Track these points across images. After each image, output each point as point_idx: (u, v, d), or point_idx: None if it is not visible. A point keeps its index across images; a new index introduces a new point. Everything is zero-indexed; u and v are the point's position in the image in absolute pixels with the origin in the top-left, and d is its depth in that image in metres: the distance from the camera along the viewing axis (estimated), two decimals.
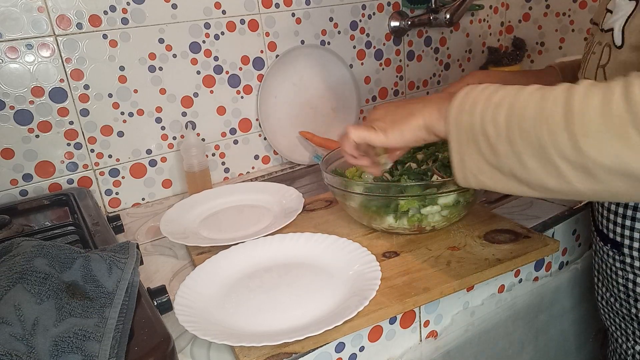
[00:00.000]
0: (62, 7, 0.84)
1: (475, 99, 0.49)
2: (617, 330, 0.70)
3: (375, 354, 0.61)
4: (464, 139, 0.50)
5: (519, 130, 0.45)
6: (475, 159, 0.50)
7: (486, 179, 0.50)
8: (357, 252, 0.65)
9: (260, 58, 1.06)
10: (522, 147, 0.45)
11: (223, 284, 0.63)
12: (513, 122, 0.45)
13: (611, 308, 0.69)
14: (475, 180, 0.51)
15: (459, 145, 0.51)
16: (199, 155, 0.94)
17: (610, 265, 0.65)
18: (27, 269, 0.47)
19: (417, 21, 1.20)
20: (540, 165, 0.44)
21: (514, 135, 0.45)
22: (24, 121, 0.85)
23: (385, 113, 0.60)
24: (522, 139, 0.45)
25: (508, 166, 0.47)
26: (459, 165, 0.52)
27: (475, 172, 0.51)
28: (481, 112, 0.48)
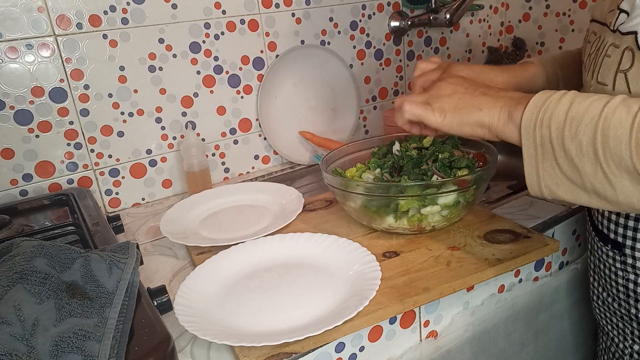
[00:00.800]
0: (62, 7, 0.84)
1: (551, 111, 0.48)
2: (614, 330, 0.70)
3: (375, 354, 0.61)
4: (539, 152, 0.49)
5: (607, 151, 0.44)
6: (553, 173, 0.49)
7: (563, 192, 0.49)
8: (357, 252, 0.65)
9: (260, 58, 1.06)
10: (612, 168, 0.44)
11: (223, 284, 0.63)
12: (599, 142, 0.44)
13: (608, 308, 0.69)
14: (550, 192, 0.50)
15: (534, 158, 0.50)
16: (199, 155, 0.94)
17: (609, 266, 0.65)
18: (27, 269, 0.47)
19: (417, 21, 1.20)
20: (634, 187, 0.43)
21: (601, 156, 0.44)
22: (24, 121, 0.85)
23: (452, 93, 0.57)
24: (612, 161, 0.44)
25: (592, 184, 0.46)
26: (532, 176, 0.51)
27: (552, 185, 0.49)
28: (559, 127, 0.47)
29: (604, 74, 0.54)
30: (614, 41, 0.53)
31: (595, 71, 0.56)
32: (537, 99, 0.50)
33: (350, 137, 1.20)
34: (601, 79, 0.55)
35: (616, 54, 0.53)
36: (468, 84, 0.58)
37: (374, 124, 1.27)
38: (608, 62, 0.54)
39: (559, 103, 0.48)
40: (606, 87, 0.53)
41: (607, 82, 0.53)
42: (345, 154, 0.85)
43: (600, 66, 0.55)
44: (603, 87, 0.54)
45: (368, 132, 1.27)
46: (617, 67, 0.52)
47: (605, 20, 0.56)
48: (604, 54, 0.55)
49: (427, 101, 0.59)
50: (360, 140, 0.87)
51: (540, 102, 0.49)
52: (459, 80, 0.59)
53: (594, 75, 0.56)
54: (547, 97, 0.50)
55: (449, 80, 0.59)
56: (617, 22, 0.53)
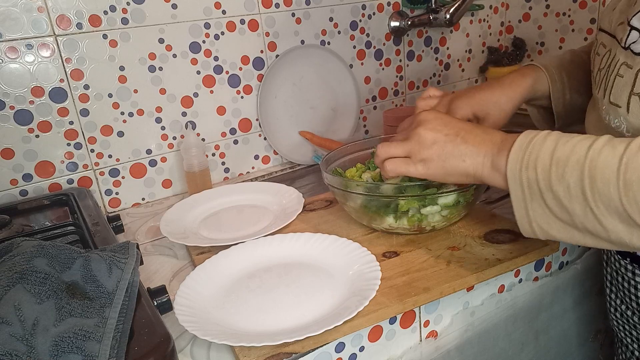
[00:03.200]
0: (62, 7, 0.84)
1: (536, 154, 0.47)
2: (634, 343, 0.68)
3: (375, 354, 0.61)
4: (527, 194, 0.48)
5: (596, 193, 0.43)
6: (542, 214, 0.48)
7: (556, 232, 0.48)
8: (357, 252, 0.65)
9: (260, 58, 1.06)
10: (602, 209, 0.43)
11: (223, 284, 0.63)
12: (587, 184, 0.44)
13: (627, 321, 0.68)
14: (542, 233, 0.50)
15: (522, 200, 0.49)
16: (199, 155, 0.94)
17: (628, 279, 0.64)
18: (27, 269, 0.47)
19: (417, 21, 1.20)
20: (625, 227, 0.43)
21: (590, 198, 0.44)
22: (24, 121, 0.85)
23: (432, 143, 0.55)
24: (601, 202, 0.43)
25: (583, 224, 0.45)
26: (523, 218, 0.50)
27: (544, 226, 0.49)
28: (545, 169, 0.46)
29: (617, 95, 0.52)
30: (625, 60, 0.51)
31: (607, 90, 0.54)
32: (522, 141, 0.49)
33: (350, 137, 1.20)
34: (614, 100, 0.53)
35: (629, 74, 0.51)
36: (448, 128, 0.56)
37: (374, 124, 1.27)
38: (621, 83, 0.52)
39: (544, 144, 0.47)
40: (620, 108, 0.52)
41: (621, 104, 0.52)
42: (345, 154, 0.85)
43: (612, 86, 0.53)
44: (616, 108, 0.52)
45: (368, 132, 1.27)
46: (631, 88, 0.50)
47: (615, 34, 0.54)
48: (616, 73, 0.53)
49: (409, 154, 0.58)
50: (360, 140, 0.87)
51: (525, 144, 0.49)
52: (438, 124, 0.56)
53: (606, 94, 0.54)
54: (531, 137, 0.49)
55: (428, 127, 0.56)
56: (628, 39, 0.51)
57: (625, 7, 0.53)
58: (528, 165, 0.48)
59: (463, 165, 0.54)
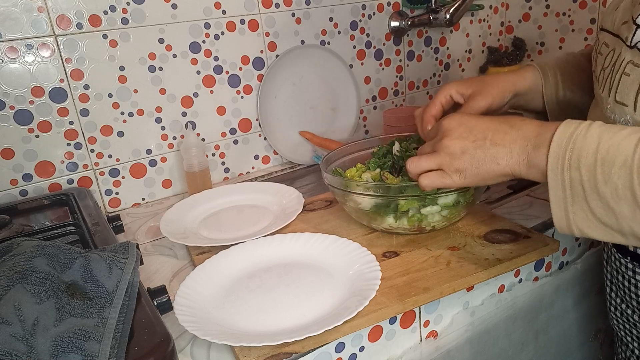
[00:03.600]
0: (62, 7, 0.84)
1: (578, 152, 0.45)
2: (635, 342, 0.68)
3: (375, 354, 0.61)
4: (568, 195, 0.46)
5: None
6: (584, 216, 0.46)
7: (597, 234, 0.47)
8: (357, 252, 0.65)
9: (260, 58, 1.06)
10: None
11: (223, 284, 0.63)
12: (636, 184, 0.42)
13: (627, 319, 0.68)
14: (581, 233, 0.48)
15: (562, 201, 0.47)
16: (199, 155, 0.94)
17: (628, 278, 0.64)
18: (27, 269, 0.47)
19: (417, 21, 1.20)
20: None
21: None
22: (24, 121, 0.85)
23: (462, 153, 0.54)
24: None
25: (630, 227, 0.44)
26: (562, 219, 0.48)
27: (584, 228, 0.47)
28: (589, 169, 0.44)
29: (623, 94, 0.51)
30: (632, 58, 0.50)
31: (612, 89, 0.53)
32: (561, 136, 0.47)
33: (350, 137, 1.20)
34: (620, 99, 0.52)
35: (636, 73, 0.50)
36: (474, 133, 0.54)
37: (374, 124, 1.27)
38: (627, 81, 0.51)
39: (586, 140, 0.45)
40: (626, 107, 0.51)
41: (627, 103, 0.51)
42: (345, 154, 0.85)
43: (618, 85, 0.52)
44: (622, 107, 0.52)
45: (368, 132, 1.27)
46: (638, 87, 0.49)
47: (619, 33, 0.53)
48: (622, 71, 0.52)
49: (440, 166, 0.56)
50: (360, 140, 0.87)
51: (565, 140, 0.47)
52: (463, 132, 0.55)
53: (611, 93, 0.54)
54: (572, 130, 0.47)
55: (453, 136, 0.55)
56: (634, 37, 0.50)
57: (629, 6, 0.53)
58: (571, 165, 0.46)
59: (498, 168, 0.52)
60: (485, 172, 0.53)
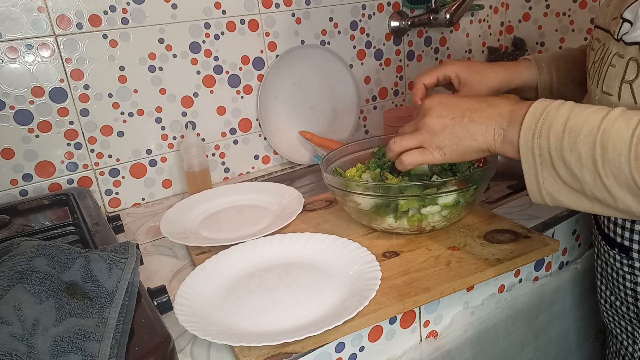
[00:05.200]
0: (62, 7, 0.84)
1: (550, 122, 0.48)
2: (623, 333, 0.69)
3: (375, 354, 0.61)
4: (537, 162, 0.49)
5: (607, 163, 0.44)
6: (553, 181, 0.49)
7: (565, 199, 0.50)
8: (357, 252, 0.65)
9: (260, 58, 1.06)
10: (611, 180, 0.44)
11: (223, 284, 0.63)
12: (598, 154, 0.44)
13: (616, 311, 0.69)
14: (552, 199, 0.51)
15: (533, 167, 0.50)
16: (199, 155, 0.94)
17: (617, 269, 0.64)
18: (27, 269, 0.47)
19: (417, 21, 1.20)
20: (632, 196, 0.44)
21: (600, 168, 0.45)
22: (24, 121, 0.85)
23: (442, 129, 0.56)
24: (610, 173, 0.44)
25: (593, 193, 0.47)
26: (533, 185, 0.51)
27: (553, 192, 0.50)
28: (557, 137, 0.47)
29: (609, 84, 0.54)
30: (618, 51, 0.53)
31: (600, 80, 0.56)
32: (535, 109, 0.50)
33: (350, 137, 1.20)
34: (606, 89, 0.54)
35: (621, 64, 0.52)
36: (453, 111, 0.56)
37: (374, 124, 1.27)
38: (613, 72, 0.53)
39: (558, 113, 0.48)
40: (611, 97, 0.53)
41: (613, 92, 0.53)
42: (345, 154, 0.85)
43: (605, 76, 0.55)
44: (608, 97, 0.54)
45: (368, 132, 1.27)
46: (622, 77, 0.52)
47: (609, 28, 0.56)
48: (609, 63, 0.54)
49: (422, 144, 0.59)
50: (360, 140, 0.87)
51: (538, 112, 0.50)
52: (443, 110, 0.57)
53: (599, 84, 0.56)
54: (544, 106, 0.50)
55: (433, 114, 0.57)
56: (620, 31, 0.53)
57: (619, 3, 0.55)
58: (541, 134, 0.48)
59: (475, 144, 0.55)
60: (463, 148, 0.56)
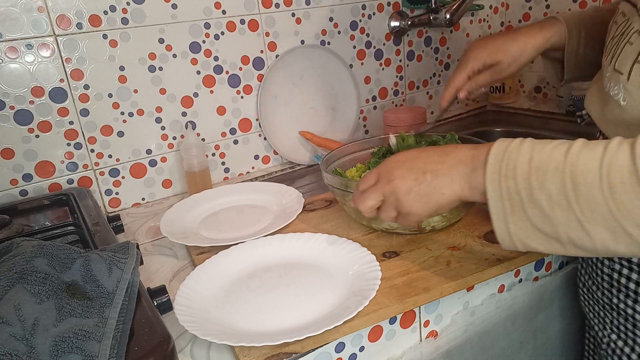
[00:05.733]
0: (62, 7, 0.84)
1: (513, 162, 0.46)
2: (595, 318, 0.70)
3: (375, 354, 0.61)
4: (507, 205, 0.47)
5: (580, 199, 0.42)
6: (523, 227, 0.47)
7: (537, 244, 0.47)
8: (357, 252, 0.65)
9: (260, 58, 1.06)
10: (587, 217, 0.42)
11: (223, 284, 0.63)
12: (569, 190, 0.43)
13: (592, 296, 0.69)
14: (523, 246, 0.48)
15: (502, 212, 0.48)
16: (199, 155, 0.94)
17: None
18: (27, 269, 0.47)
19: (417, 21, 1.20)
20: (610, 234, 0.42)
21: (574, 204, 0.43)
22: (24, 121, 0.85)
23: (407, 192, 0.54)
24: (586, 208, 0.42)
25: (566, 234, 0.44)
26: (503, 232, 0.49)
27: (524, 239, 0.48)
28: (525, 177, 0.45)
29: (622, 62, 0.51)
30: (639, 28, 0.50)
31: (615, 57, 0.53)
32: (497, 151, 0.48)
33: (350, 137, 1.20)
34: (618, 67, 0.52)
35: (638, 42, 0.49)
36: (414, 172, 0.54)
37: (374, 124, 1.27)
38: (629, 50, 0.50)
39: (520, 152, 0.46)
40: (621, 75, 0.51)
41: (623, 71, 0.51)
42: (345, 154, 0.85)
43: (621, 53, 0.52)
44: (619, 75, 0.52)
45: (368, 132, 1.27)
46: (636, 56, 0.49)
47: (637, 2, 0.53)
48: (627, 40, 0.51)
49: (395, 209, 0.57)
50: (360, 140, 0.87)
51: (500, 154, 0.48)
52: (404, 172, 0.55)
53: (613, 60, 0.53)
54: (505, 146, 0.48)
55: (394, 179, 0.55)
56: None
57: None
58: (507, 175, 0.46)
59: (444, 198, 0.53)
60: (434, 204, 0.54)
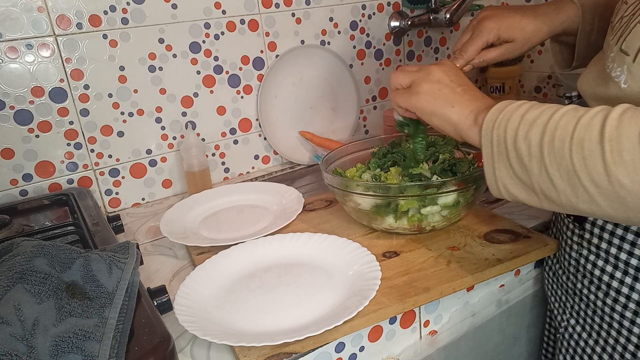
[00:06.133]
0: (62, 7, 0.84)
1: (509, 115, 0.49)
2: (556, 302, 0.70)
3: (375, 354, 0.61)
4: (495, 152, 0.51)
5: (552, 151, 0.45)
6: (507, 173, 0.50)
7: (518, 192, 0.50)
8: (357, 252, 0.65)
9: (260, 58, 1.06)
10: (554, 169, 0.45)
11: (223, 284, 0.63)
12: (545, 142, 0.45)
13: (557, 280, 0.69)
14: (507, 193, 0.52)
15: (490, 158, 0.51)
16: (199, 155, 0.94)
17: (566, 238, 0.65)
18: (27, 269, 0.47)
19: (417, 21, 1.20)
20: (571, 188, 0.44)
21: (546, 157, 0.45)
22: (24, 121, 0.85)
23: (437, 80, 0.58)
24: (554, 161, 0.45)
25: (539, 185, 0.47)
26: (491, 176, 0.52)
27: (507, 185, 0.51)
28: (514, 128, 0.48)
29: (630, 42, 0.50)
30: None
31: (622, 36, 0.52)
32: (500, 105, 0.52)
33: (350, 137, 1.20)
34: (625, 47, 0.51)
35: None
36: (457, 78, 0.59)
37: (374, 124, 1.27)
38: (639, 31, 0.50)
39: (518, 108, 0.49)
40: (627, 56, 0.51)
41: (630, 52, 0.50)
42: (345, 154, 0.85)
43: (630, 33, 0.51)
44: (624, 56, 0.51)
45: (368, 132, 1.27)
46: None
47: None
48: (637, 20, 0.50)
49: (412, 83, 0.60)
50: (360, 140, 0.87)
51: (502, 107, 0.51)
52: (450, 71, 0.60)
53: (620, 40, 0.53)
54: (508, 102, 0.51)
55: (441, 68, 0.60)
56: None
57: None
58: (500, 125, 0.50)
59: (450, 110, 0.56)
60: (438, 106, 0.57)
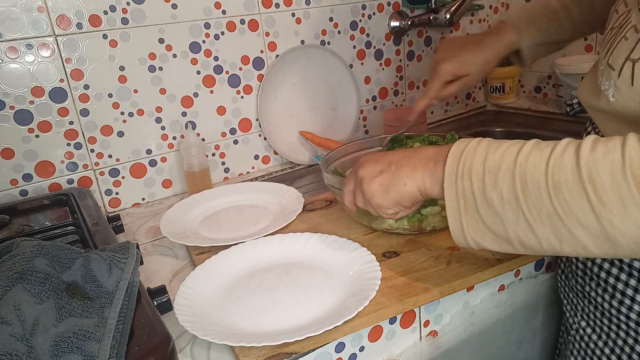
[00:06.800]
0: (62, 7, 0.84)
1: (470, 164, 0.47)
2: (568, 305, 0.70)
3: (375, 354, 0.61)
4: (461, 205, 0.48)
5: (528, 197, 0.43)
6: (476, 226, 0.48)
7: (489, 244, 0.48)
8: (357, 252, 0.65)
9: (260, 58, 1.06)
10: (533, 215, 0.43)
11: (223, 284, 0.63)
12: (519, 189, 0.44)
13: (568, 283, 0.69)
14: (476, 244, 0.50)
15: (457, 211, 0.49)
16: (199, 155, 0.94)
17: None
18: (27, 269, 0.47)
19: (417, 21, 1.20)
20: (553, 232, 0.43)
21: (523, 204, 0.43)
22: (24, 121, 0.85)
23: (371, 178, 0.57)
24: (533, 206, 0.43)
25: (516, 234, 0.46)
26: (457, 230, 0.50)
27: (477, 238, 0.49)
28: (479, 177, 0.46)
29: (615, 57, 0.51)
30: (636, 23, 0.49)
31: (609, 51, 0.52)
32: (454, 152, 0.50)
33: (350, 137, 1.20)
34: (611, 62, 0.51)
35: (633, 39, 0.48)
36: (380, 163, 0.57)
37: (374, 124, 1.27)
38: (623, 46, 0.50)
39: (475, 154, 0.48)
40: (613, 71, 0.51)
41: (615, 67, 0.50)
42: (345, 154, 0.85)
43: (615, 48, 0.51)
44: (610, 70, 0.51)
45: (368, 132, 1.27)
46: (628, 53, 0.48)
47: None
48: (623, 35, 0.50)
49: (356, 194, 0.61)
50: (360, 140, 0.87)
51: (457, 155, 0.49)
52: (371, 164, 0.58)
53: (607, 55, 0.53)
54: (462, 148, 0.49)
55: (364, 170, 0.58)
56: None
57: None
58: (463, 175, 0.48)
59: (406, 188, 0.54)
60: (394, 194, 0.56)
